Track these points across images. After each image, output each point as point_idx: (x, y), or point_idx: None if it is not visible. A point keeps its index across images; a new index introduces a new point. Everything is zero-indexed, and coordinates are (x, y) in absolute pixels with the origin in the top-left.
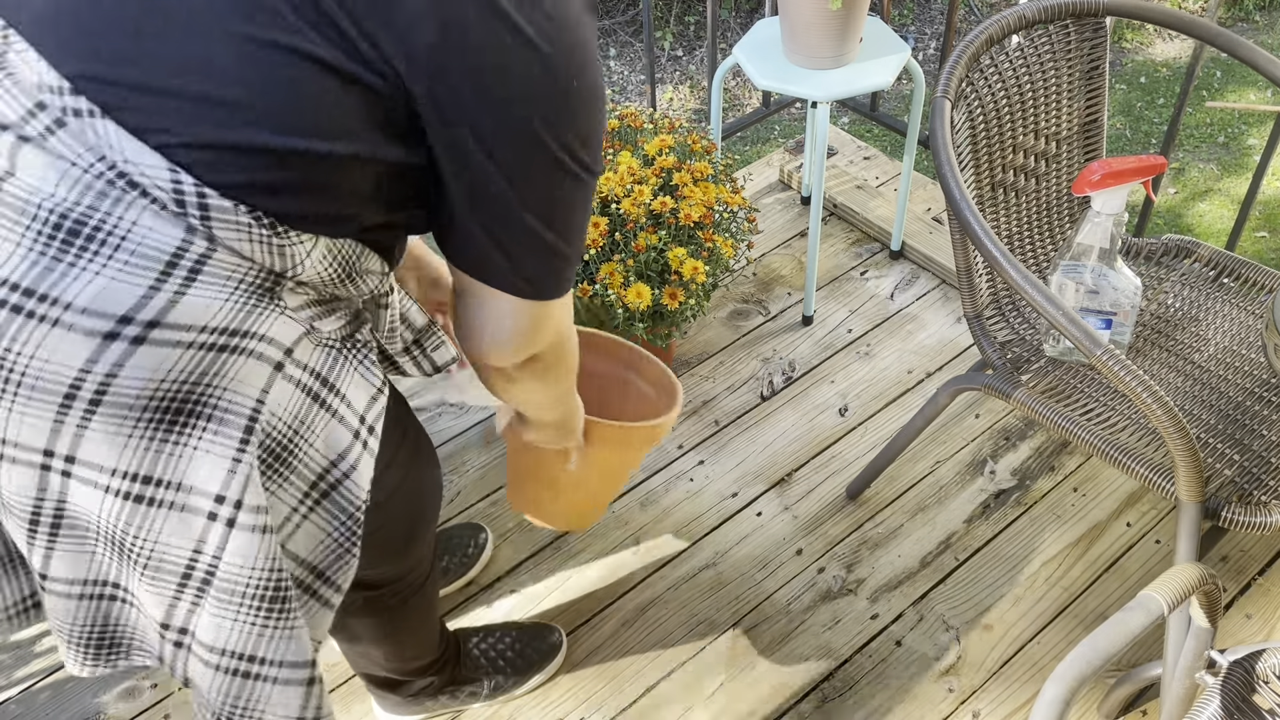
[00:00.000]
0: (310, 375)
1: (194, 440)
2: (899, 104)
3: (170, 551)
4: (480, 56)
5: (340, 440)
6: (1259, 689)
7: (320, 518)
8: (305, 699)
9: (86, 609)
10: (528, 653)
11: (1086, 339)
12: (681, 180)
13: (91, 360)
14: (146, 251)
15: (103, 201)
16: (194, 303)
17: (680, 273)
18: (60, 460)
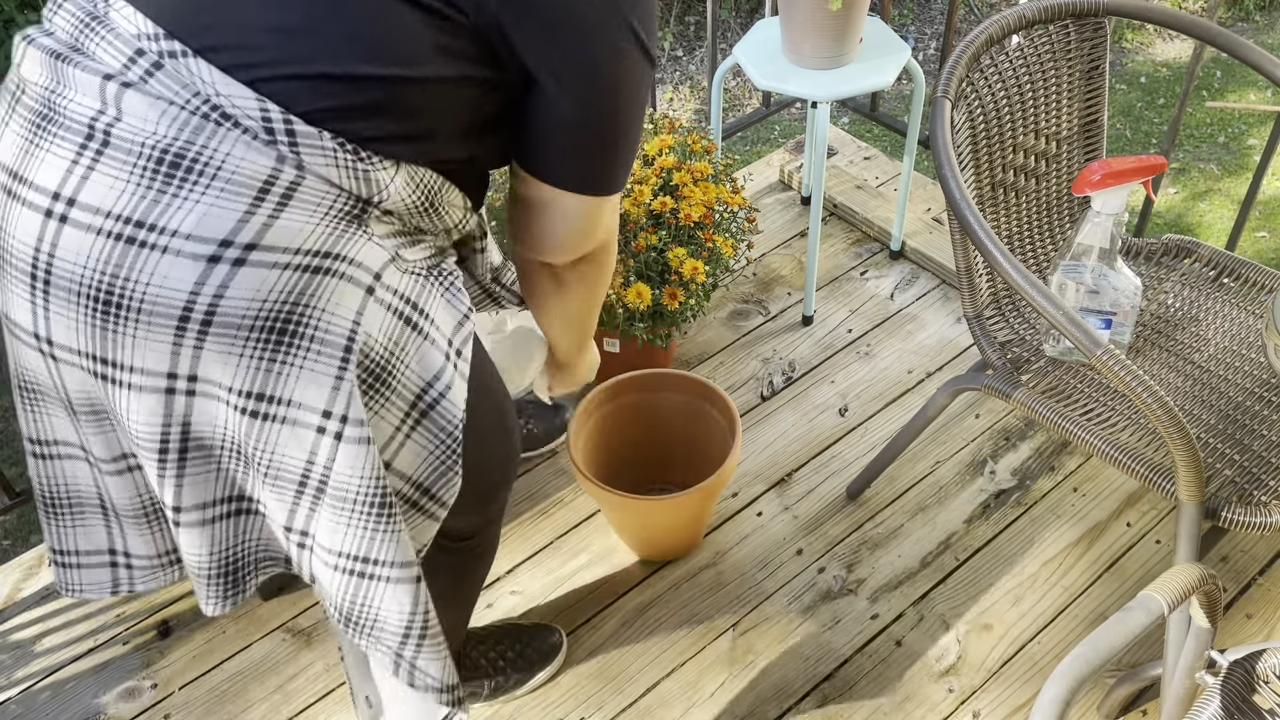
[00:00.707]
0: (400, 299)
1: (299, 359)
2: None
3: (287, 461)
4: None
5: (434, 361)
6: (1259, 689)
7: (422, 436)
8: (415, 596)
9: (219, 531)
10: (528, 653)
11: (1086, 339)
12: (681, 180)
13: (199, 282)
14: (241, 179)
15: (199, 135)
16: (288, 226)
17: (680, 272)
18: (183, 381)
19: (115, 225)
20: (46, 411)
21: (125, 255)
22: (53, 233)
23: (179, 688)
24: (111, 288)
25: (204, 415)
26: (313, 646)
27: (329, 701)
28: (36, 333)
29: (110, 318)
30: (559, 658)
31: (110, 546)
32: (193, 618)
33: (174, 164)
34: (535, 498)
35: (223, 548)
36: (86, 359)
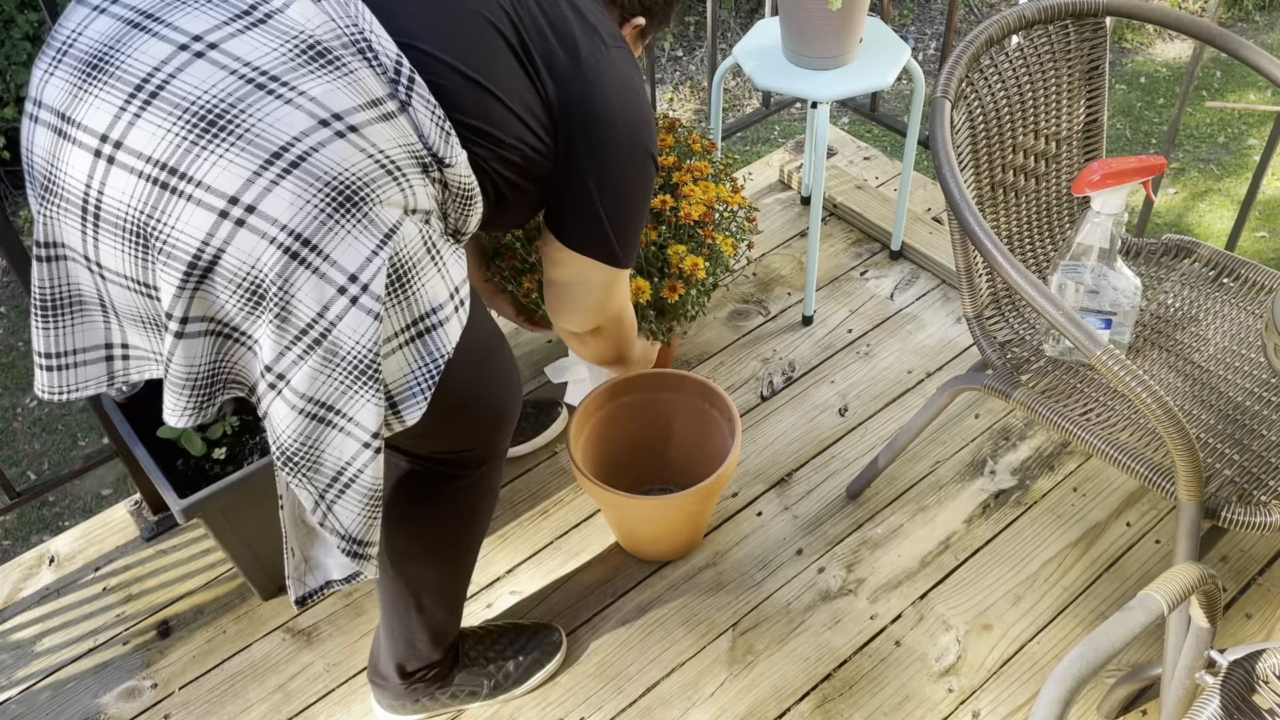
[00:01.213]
0: (426, 233)
1: (349, 225)
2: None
3: (300, 307)
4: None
5: (441, 293)
6: (1259, 689)
7: (410, 353)
8: (359, 451)
9: (207, 345)
10: (528, 652)
11: (1086, 339)
12: (681, 179)
13: (304, 133)
14: (360, 87)
15: (344, 49)
16: (381, 132)
17: (681, 268)
18: (240, 209)
19: (251, 72)
20: (56, 219)
21: (251, 95)
22: (101, 172)
23: (179, 688)
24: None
25: (241, 247)
26: (313, 646)
27: (329, 701)
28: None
29: (205, 135)
30: (558, 657)
31: (108, 341)
32: (193, 617)
33: (316, 55)
34: (535, 498)
35: (207, 361)
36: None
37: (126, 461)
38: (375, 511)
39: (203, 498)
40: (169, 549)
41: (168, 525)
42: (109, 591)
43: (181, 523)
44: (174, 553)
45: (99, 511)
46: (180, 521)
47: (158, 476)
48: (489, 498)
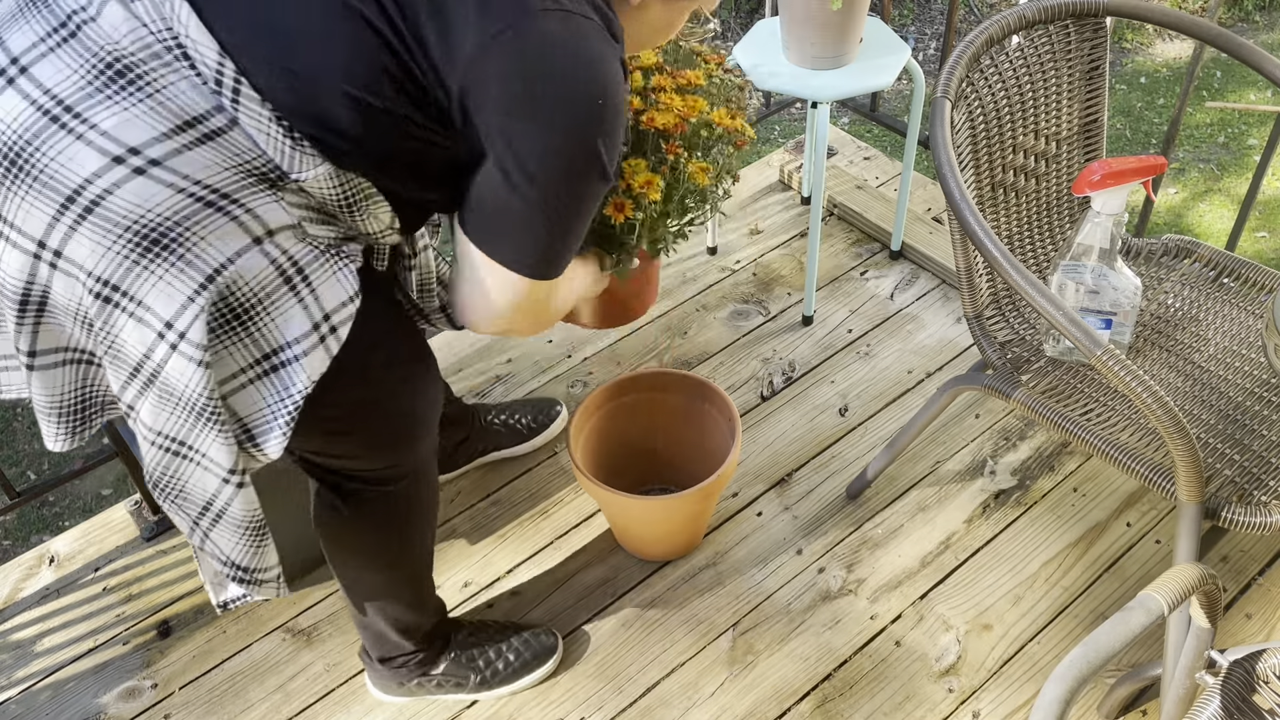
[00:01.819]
0: (287, 259)
1: (161, 269)
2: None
3: (126, 346)
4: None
5: (299, 326)
6: (1259, 689)
7: (264, 388)
8: (220, 486)
9: (69, 374)
10: (522, 653)
11: (1086, 339)
12: (659, 84)
13: (97, 174)
14: (173, 106)
15: (155, 60)
16: (195, 159)
17: (630, 184)
18: (49, 253)
19: (49, 102)
20: None
21: (45, 129)
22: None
23: (179, 688)
24: (22, 150)
25: (62, 287)
26: (313, 646)
27: (329, 701)
28: None
29: (9, 175)
30: (550, 664)
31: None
32: (193, 617)
33: (120, 73)
34: (535, 497)
35: (73, 387)
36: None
37: (126, 461)
38: (255, 541)
39: None
40: (169, 549)
41: (168, 525)
42: (109, 591)
43: None
44: (174, 553)
45: (99, 511)
46: None
47: None
48: (417, 509)
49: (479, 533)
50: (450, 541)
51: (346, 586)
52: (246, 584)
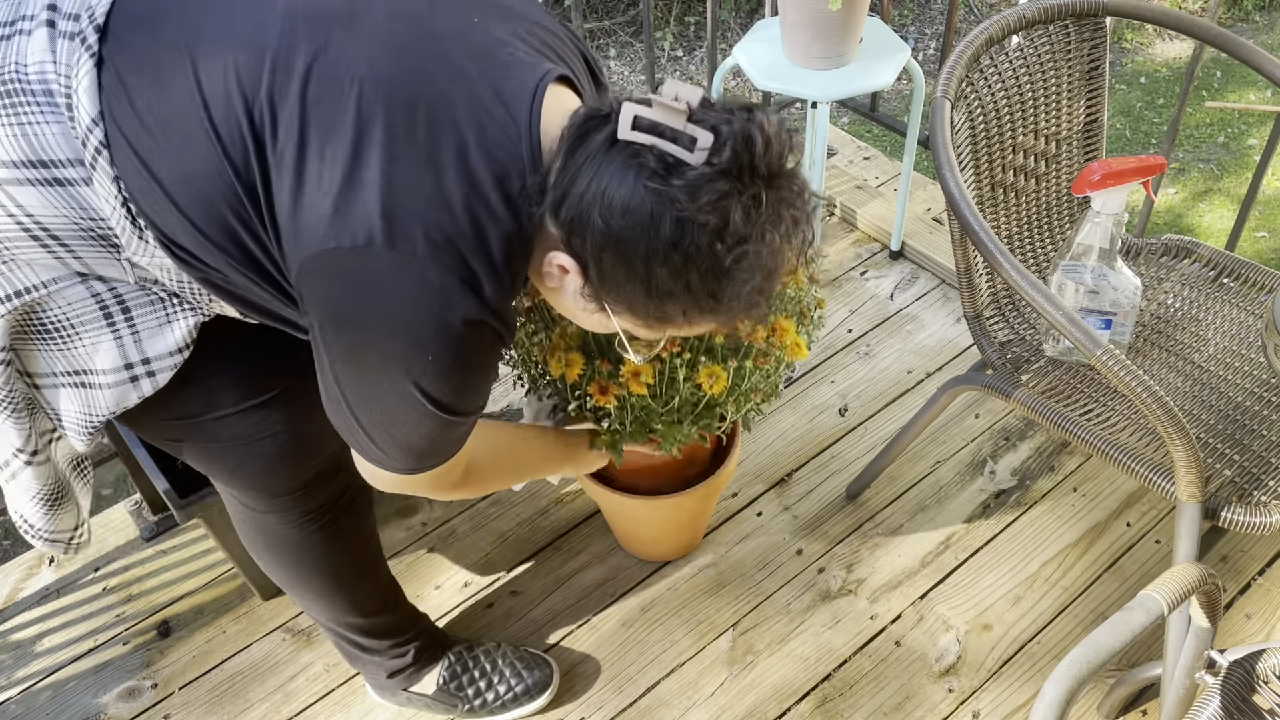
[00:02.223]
0: (112, 295)
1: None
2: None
3: None
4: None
5: (108, 360)
6: (1259, 689)
7: (75, 396)
8: (10, 457)
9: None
10: (513, 685)
11: (1086, 339)
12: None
13: None
14: (31, 143)
15: (44, 98)
16: (35, 195)
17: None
18: None
19: None
20: None
21: None
22: None
23: (179, 688)
24: None
25: None
26: (313, 646)
27: (329, 702)
28: None
29: None
30: (544, 699)
31: None
32: (193, 617)
33: (8, 93)
34: (535, 498)
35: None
36: None
37: (126, 462)
38: (46, 507)
39: (202, 498)
40: (169, 549)
41: (168, 525)
42: (109, 591)
43: (181, 523)
44: (174, 553)
45: (99, 511)
46: (180, 521)
47: (157, 477)
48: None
49: (479, 533)
50: (450, 542)
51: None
52: (33, 537)
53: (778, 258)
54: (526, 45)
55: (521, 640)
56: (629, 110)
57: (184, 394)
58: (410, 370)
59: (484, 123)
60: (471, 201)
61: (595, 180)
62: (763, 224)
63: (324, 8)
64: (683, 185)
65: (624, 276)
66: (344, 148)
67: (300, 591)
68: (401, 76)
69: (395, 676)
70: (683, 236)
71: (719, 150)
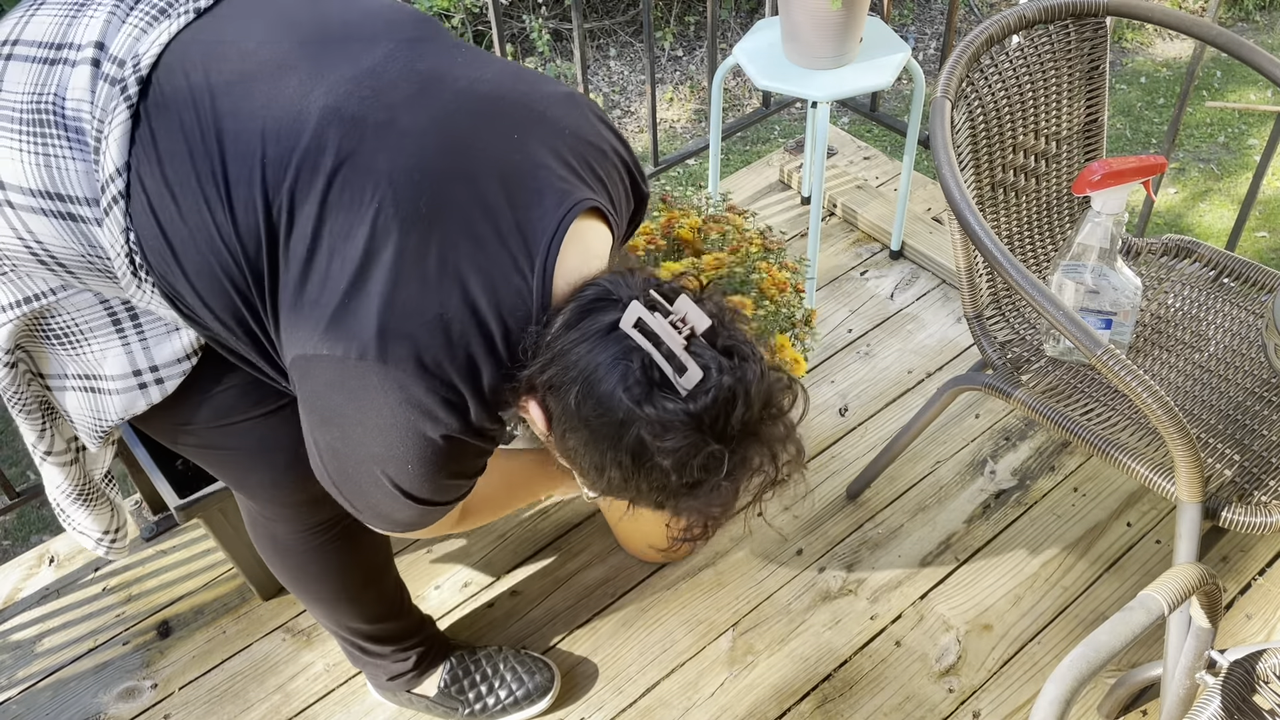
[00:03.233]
0: (122, 304)
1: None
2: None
3: None
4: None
5: (117, 364)
6: (1259, 689)
7: (87, 400)
8: (32, 446)
9: None
10: (513, 689)
11: (1086, 339)
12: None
13: None
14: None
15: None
16: (47, 225)
17: None
18: None
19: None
20: None
21: None
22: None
23: (179, 688)
24: None
25: None
26: (313, 646)
27: (329, 701)
28: None
29: None
30: (544, 703)
31: None
32: (193, 617)
33: (41, 121)
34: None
35: None
36: None
37: (126, 462)
38: (69, 500)
39: (202, 497)
40: (169, 549)
41: (168, 525)
42: (109, 591)
43: (181, 523)
44: (174, 553)
45: None
46: (180, 521)
47: (157, 476)
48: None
49: (479, 533)
50: (450, 542)
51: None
52: (63, 520)
53: (733, 498)
54: (565, 167)
55: (522, 640)
56: (634, 311)
57: (193, 400)
58: (388, 471)
59: (497, 261)
60: (469, 337)
61: (584, 361)
62: (720, 477)
63: (364, 111)
64: (655, 416)
65: (583, 451)
66: (352, 261)
67: (305, 596)
68: (424, 199)
69: (397, 679)
70: (642, 454)
71: (701, 394)
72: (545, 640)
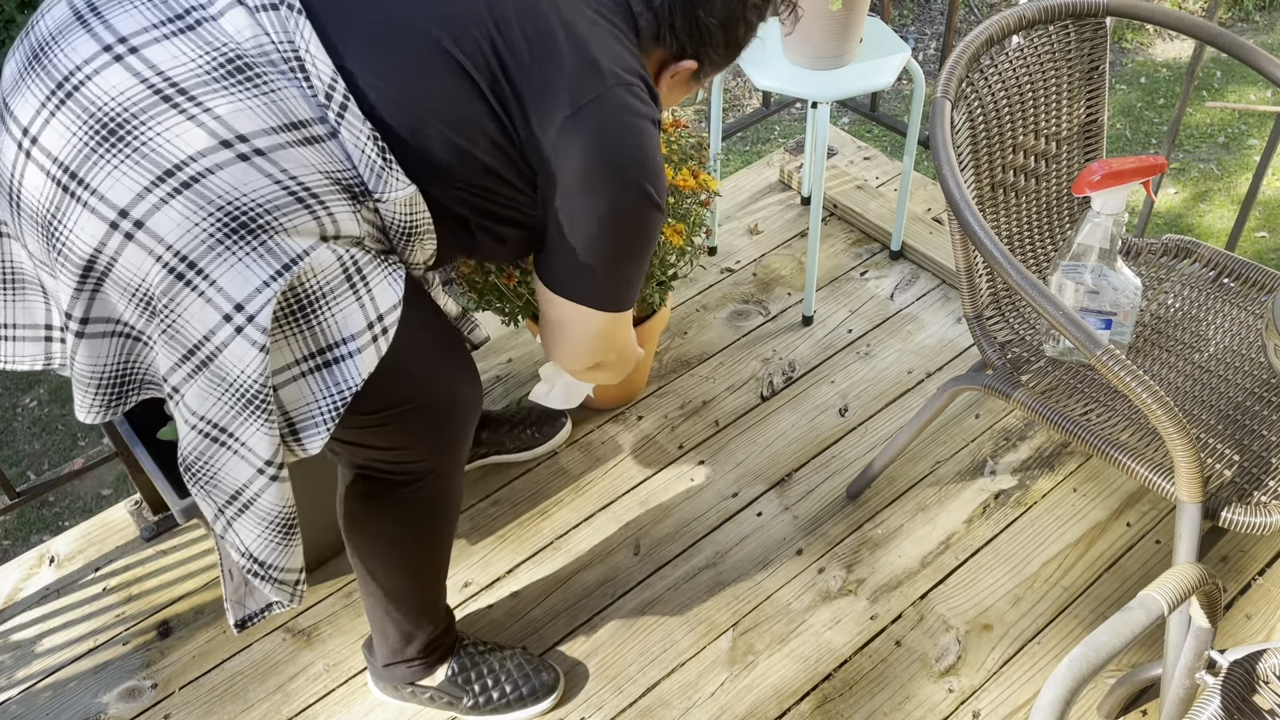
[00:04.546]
0: (350, 258)
1: (242, 252)
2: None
3: (187, 327)
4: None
5: (356, 323)
6: (1259, 689)
7: (314, 383)
8: (254, 476)
9: (114, 346)
10: (519, 685)
11: (1086, 339)
12: None
13: (202, 154)
14: (280, 108)
15: (271, 68)
16: (295, 156)
17: None
18: (130, 223)
19: (161, 82)
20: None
21: (154, 106)
22: (21, 164)
23: (179, 688)
24: (125, 123)
25: (131, 260)
26: (313, 646)
27: (329, 702)
28: None
29: (104, 144)
30: (548, 702)
31: (47, 322)
32: (193, 617)
33: (238, 69)
34: (535, 498)
35: (114, 361)
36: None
37: (126, 462)
38: (281, 536)
39: None
40: (169, 549)
41: (168, 525)
42: (109, 591)
43: (181, 523)
44: (174, 553)
45: (99, 511)
46: (180, 521)
47: (158, 477)
48: (440, 511)
49: (479, 533)
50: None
51: (362, 587)
52: (263, 579)
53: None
54: None
55: (521, 641)
56: None
57: (390, 359)
58: (642, 173)
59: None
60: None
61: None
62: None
63: None
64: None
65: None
66: (556, 44)
67: (381, 561)
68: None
69: (404, 671)
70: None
71: None
72: (545, 640)
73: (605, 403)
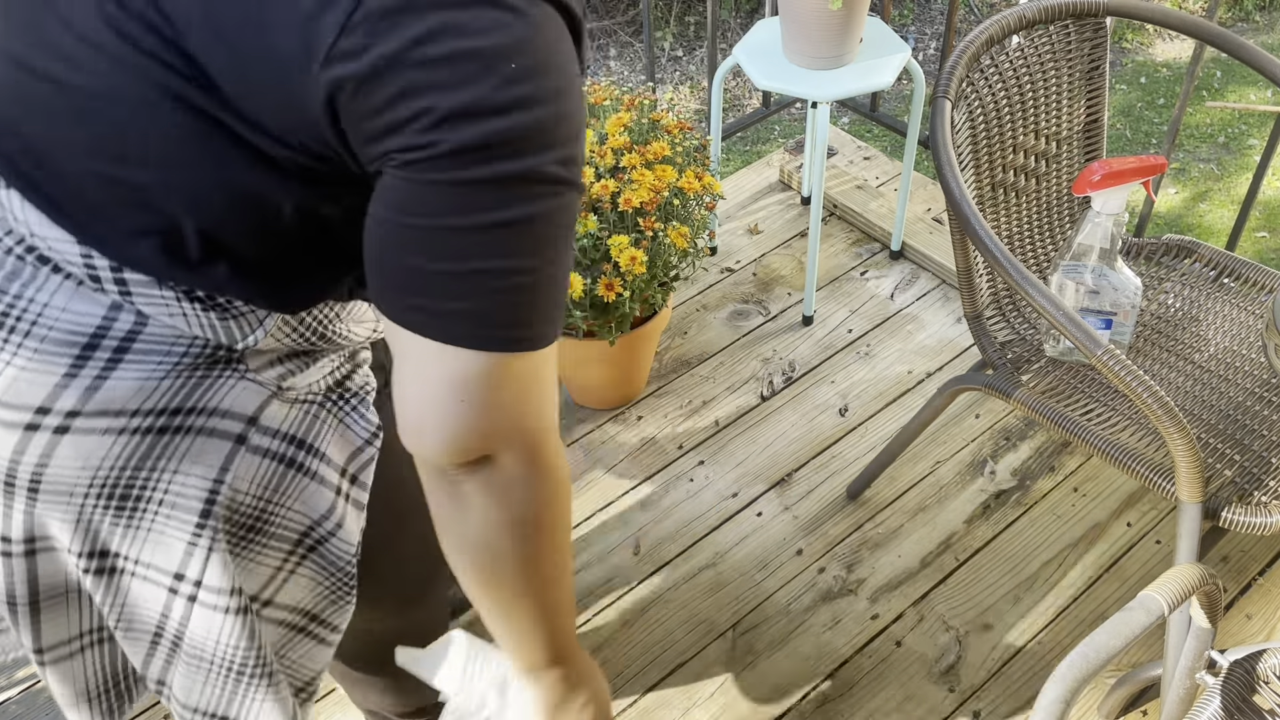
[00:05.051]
0: (281, 440)
1: (145, 522)
2: (899, 104)
3: (139, 612)
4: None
5: (321, 500)
6: (1259, 689)
7: (311, 569)
8: None
9: (91, 657)
10: None
11: (1086, 339)
12: (630, 163)
13: (19, 451)
14: (60, 336)
15: (12, 282)
16: (121, 386)
17: (617, 262)
18: (19, 544)
19: None
20: None
21: None
22: None
23: None
24: None
25: (50, 568)
26: None
27: (328, 702)
28: None
29: None
30: None
31: None
32: None
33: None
34: None
35: (100, 668)
36: None
37: None
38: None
39: None
40: None
41: None
42: None
43: None
44: None
45: None
46: None
47: None
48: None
49: None
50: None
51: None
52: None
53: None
54: None
55: None
56: None
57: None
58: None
59: None
60: None
61: None
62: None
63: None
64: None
65: None
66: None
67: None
68: None
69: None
70: None
71: None
72: None
73: (605, 403)
